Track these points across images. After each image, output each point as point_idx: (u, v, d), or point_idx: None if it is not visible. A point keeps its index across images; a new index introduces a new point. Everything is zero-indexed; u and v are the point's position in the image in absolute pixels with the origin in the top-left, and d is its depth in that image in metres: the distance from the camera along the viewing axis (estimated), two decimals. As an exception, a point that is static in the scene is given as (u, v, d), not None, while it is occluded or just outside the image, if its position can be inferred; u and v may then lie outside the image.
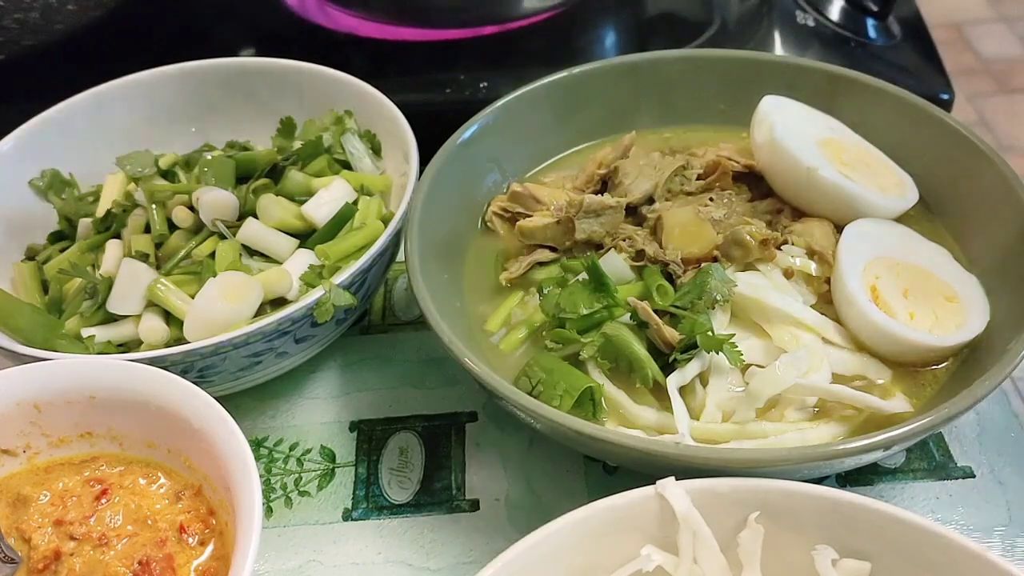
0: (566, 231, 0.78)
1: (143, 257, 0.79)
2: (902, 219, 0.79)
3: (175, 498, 0.59)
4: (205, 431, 0.56)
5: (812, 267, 0.74)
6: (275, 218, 0.80)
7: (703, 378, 0.69)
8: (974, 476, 0.72)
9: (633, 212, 0.81)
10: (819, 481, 0.64)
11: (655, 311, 0.70)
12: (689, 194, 0.82)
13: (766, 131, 0.80)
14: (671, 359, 0.69)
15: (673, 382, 0.67)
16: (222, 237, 0.80)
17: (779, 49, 1.10)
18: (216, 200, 0.80)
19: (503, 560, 0.51)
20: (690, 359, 0.68)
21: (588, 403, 0.67)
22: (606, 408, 0.68)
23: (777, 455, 0.60)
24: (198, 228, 0.81)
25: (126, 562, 0.56)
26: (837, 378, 0.69)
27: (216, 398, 0.60)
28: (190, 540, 0.57)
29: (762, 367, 0.68)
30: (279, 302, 0.77)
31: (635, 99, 0.90)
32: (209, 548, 0.57)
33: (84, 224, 0.85)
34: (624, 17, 1.16)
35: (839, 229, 0.75)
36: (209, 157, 0.87)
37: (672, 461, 0.59)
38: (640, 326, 0.70)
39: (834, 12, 1.14)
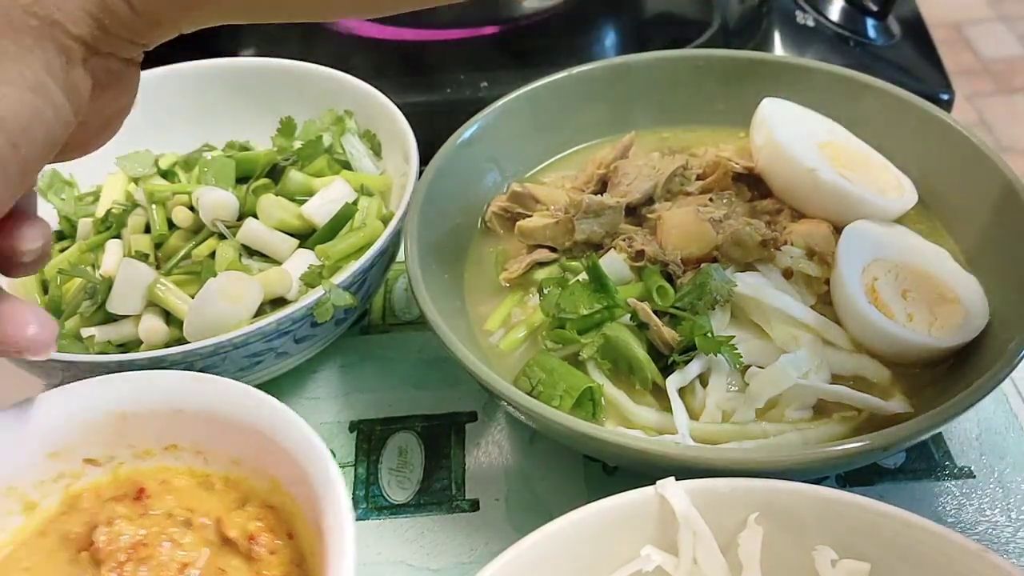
0: (566, 231, 0.78)
1: (143, 257, 0.79)
2: (901, 220, 0.79)
3: (250, 517, 0.59)
4: (293, 453, 0.55)
5: (811, 268, 0.74)
6: (275, 218, 0.80)
7: (703, 379, 0.69)
8: (974, 476, 0.72)
9: (633, 212, 0.81)
10: (819, 481, 0.64)
11: (655, 311, 0.70)
12: (689, 194, 0.82)
13: (766, 133, 0.80)
14: (670, 360, 0.69)
15: (673, 383, 0.67)
16: (222, 237, 0.80)
17: (779, 49, 1.11)
18: (216, 200, 0.80)
19: (503, 560, 0.51)
20: (689, 360, 0.68)
21: (588, 403, 0.67)
22: (606, 408, 0.68)
23: (777, 455, 0.60)
24: (198, 228, 0.81)
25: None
26: (836, 378, 0.69)
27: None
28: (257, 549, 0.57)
29: (762, 367, 0.68)
30: (279, 302, 0.77)
31: (634, 99, 0.90)
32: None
33: (84, 224, 0.85)
34: (624, 17, 1.16)
35: (838, 230, 0.76)
36: (209, 157, 0.87)
37: (672, 461, 0.59)
38: (640, 327, 0.70)
39: (834, 12, 1.14)
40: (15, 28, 0.48)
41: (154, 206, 0.82)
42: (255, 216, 0.81)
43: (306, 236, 0.81)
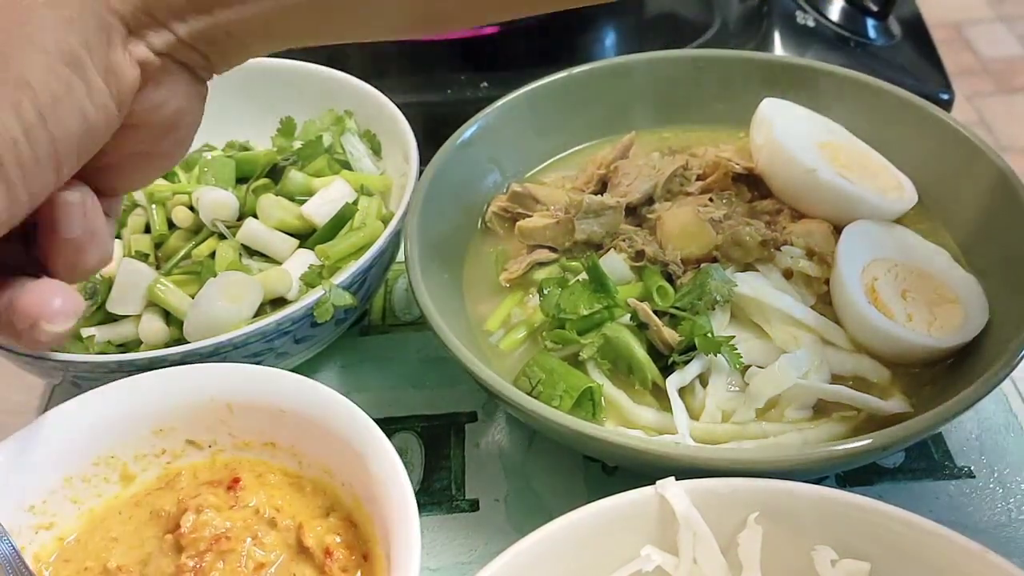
0: (566, 231, 0.78)
1: (143, 257, 0.79)
2: (901, 220, 0.79)
3: (331, 529, 0.59)
4: (380, 482, 0.55)
5: (811, 268, 0.74)
6: (275, 218, 0.80)
7: (703, 379, 0.69)
8: (974, 476, 0.72)
9: (633, 212, 0.81)
10: (819, 481, 0.64)
11: (654, 311, 0.70)
12: (689, 194, 0.82)
13: (765, 133, 0.80)
14: (670, 361, 0.69)
15: (673, 383, 0.67)
16: (222, 237, 0.80)
17: (779, 49, 1.10)
18: (216, 200, 0.80)
19: (503, 560, 0.51)
20: (688, 361, 0.68)
21: (588, 403, 0.67)
22: (606, 408, 0.68)
23: (777, 455, 0.60)
24: (198, 228, 0.81)
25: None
26: (836, 378, 0.69)
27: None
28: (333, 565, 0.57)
29: (762, 367, 0.68)
30: (279, 302, 0.77)
31: (635, 99, 0.90)
32: None
33: (84, 224, 0.85)
34: (624, 17, 1.16)
35: (838, 230, 0.76)
36: (209, 157, 0.87)
37: (672, 461, 0.59)
38: (640, 327, 0.70)
39: (834, 12, 1.14)
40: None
41: (154, 206, 0.83)
42: (255, 216, 0.81)
43: (306, 236, 0.81)
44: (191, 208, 0.81)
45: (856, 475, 0.72)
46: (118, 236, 0.83)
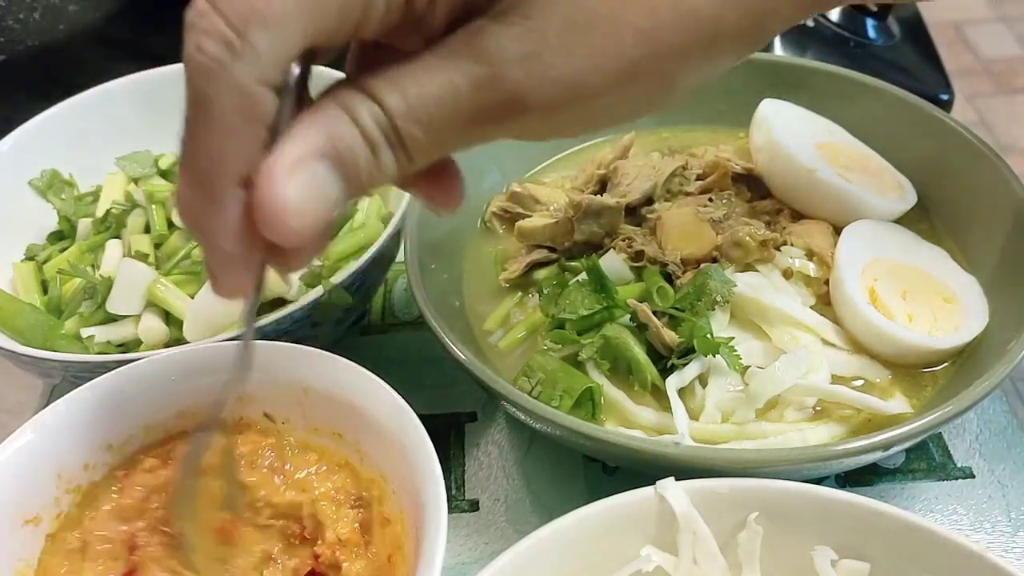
0: (565, 232, 0.78)
1: (143, 257, 0.79)
2: (901, 220, 0.79)
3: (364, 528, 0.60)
4: (424, 505, 0.54)
5: (811, 268, 0.74)
6: (275, 218, 0.80)
7: (702, 379, 0.69)
8: (974, 476, 0.72)
9: (632, 212, 0.81)
10: (819, 481, 0.64)
11: (654, 312, 0.70)
12: (688, 195, 0.82)
13: (765, 133, 0.80)
14: (668, 364, 0.69)
15: (672, 383, 0.67)
16: (222, 237, 0.80)
17: (779, 49, 1.11)
18: (216, 200, 0.80)
19: (503, 560, 0.51)
20: (688, 363, 0.68)
21: (588, 403, 0.67)
22: (605, 408, 0.68)
23: (777, 455, 0.60)
24: (198, 228, 0.81)
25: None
26: (836, 379, 0.69)
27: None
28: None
29: (762, 368, 0.68)
30: (279, 302, 0.77)
31: (635, 99, 0.90)
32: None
33: (84, 224, 0.85)
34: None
35: (838, 231, 0.76)
36: (209, 157, 0.87)
37: (671, 461, 0.59)
38: (640, 328, 0.70)
39: (834, 12, 1.14)
40: None
41: (154, 206, 0.82)
42: (255, 216, 0.81)
43: (306, 236, 0.81)
44: (191, 208, 0.81)
45: (856, 475, 0.72)
46: (118, 236, 0.83)
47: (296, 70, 0.42)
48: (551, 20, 0.41)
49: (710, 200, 0.80)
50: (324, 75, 0.50)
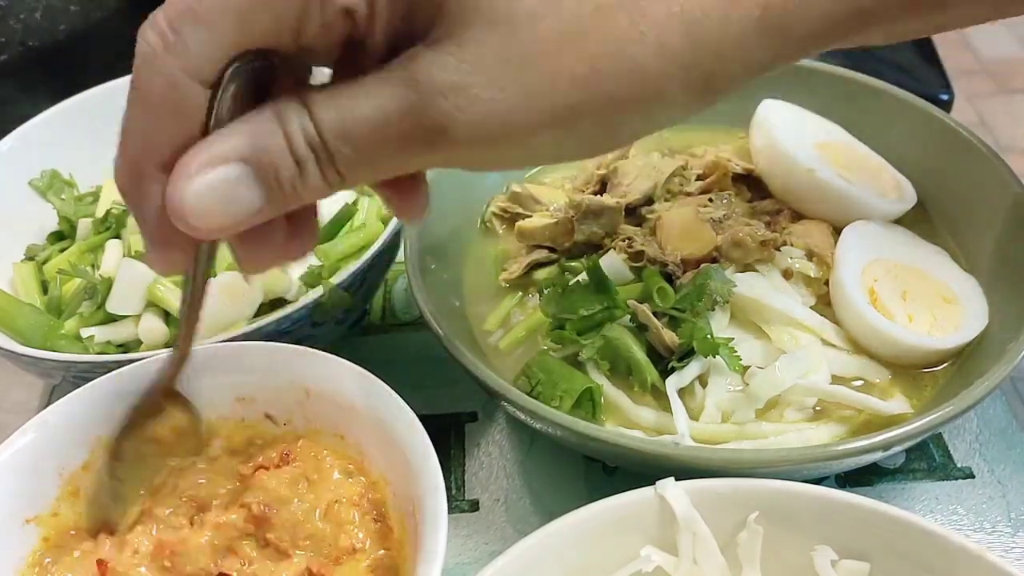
0: (565, 232, 0.78)
1: (143, 257, 0.79)
2: (901, 220, 0.79)
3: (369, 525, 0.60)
4: (423, 504, 0.55)
5: (811, 268, 0.74)
6: (275, 218, 0.80)
7: (702, 379, 0.69)
8: (974, 476, 0.72)
9: (632, 213, 0.81)
10: (819, 481, 0.64)
11: (653, 312, 0.70)
12: (688, 195, 0.82)
13: (765, 133, 0.80)
14: (668, 365, 0.69)
15: (672, 384, 0.67)
16: (222, 237, 0.80)
17: (779, 49, 1.10)
18: (216, 200, 0.80)
19: (503, 560, 0.51)
20: (686, 365, 0.68)
21: (588, 403, 0.67)
22: (605, 408, 0.68)
23: (777, 455, 0.60)
24: (198, 228, 0.81)
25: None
26: (836, 379, 0.69)
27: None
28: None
29: (762, 368, 0.68)
30: (279, 302, 0.77)
31: (635, 99, 0.90)
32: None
33: (84, 224, 0.85)
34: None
35: (838, 231, 0.76)
36: (209, 157, 0.87)
37: (671, 462, 0.59)
38: (640, 328, 0.70)
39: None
40: None
41: (154, 206, 0.82)
42: (255, 216, 0.81)
43: (306, 236, 0.81)
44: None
45: (856, 475, 0.72)
46: (118, 236, 0.83)
47: (235, 70, 0.43)
48: (484, 54, 0.41)
49: (710, 200, 0.80)
50: (324, 73, 0.50)
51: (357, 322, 0.86)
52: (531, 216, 0.81)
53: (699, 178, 0.83)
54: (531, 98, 0.42)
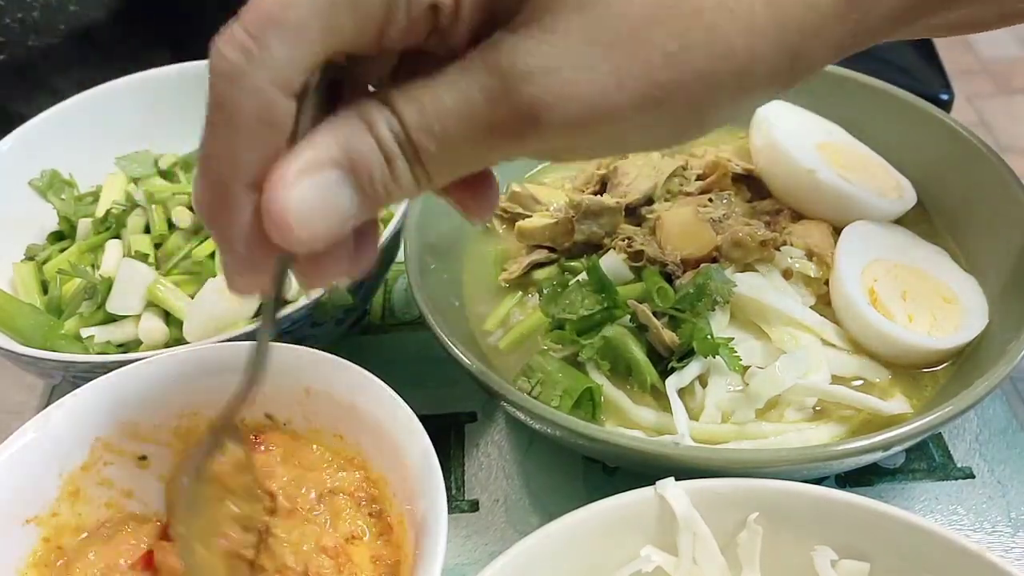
0: (565, 232, 0.78)
1: (143, 257, 0.79)
2: (901, 220, 0.79)
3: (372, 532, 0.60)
4: (424, 513, 0.55)
5: (811, 268, 0.74)
6: (275, 218, 0.80)
7: (702, 379, 0.69)
8: (974, 476, 0.72)
9: (632, 212, 0.81)
10: (819, 481, 0.64)
11: (654, 312, 0.70)
12: (688, 195, 0.82)
13: (765, 134, 0.80)
14: (668, 366, 0.69)
15: (672, 384, 0.67)
16: (222, 237, 0.80)
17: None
18: (216, 200, 0.80)
19: (503, 560, 0.51)
20: (686, 365, 0.68)
21: (587, 403, 0.67)
22: (605, 408, 0.68)
23: (777, 455, 0.60)
24: (198, 228, 0.81)
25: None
26: (836, 379, 0.69)
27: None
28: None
29: (762, 368, 0.68)
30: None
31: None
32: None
33: (84, 224, 0.85)
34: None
35: (838, 231, 0.76)
36: (209, 157, 0.87)
37: (671, 462, 0.59)
38: (640, 328, 0.70)
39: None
40: None
41: (154, 206, 0.82)
42: (255, 216, 0.81)
43: (306, 236, 0.81)
44: (191, 208, 0.81)
45: (856, 475, 0.72)
46: (118, 236, 0.83)
47: (316, 78, 0.42)
48: (572, 35, 0.40)
49: (710, 200, 0.80)
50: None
51: (357, 322, 0.86)
52: (531, 216, 0.81)
53: (699, 178, 0.83)
54: (622, 78, 0.41)
